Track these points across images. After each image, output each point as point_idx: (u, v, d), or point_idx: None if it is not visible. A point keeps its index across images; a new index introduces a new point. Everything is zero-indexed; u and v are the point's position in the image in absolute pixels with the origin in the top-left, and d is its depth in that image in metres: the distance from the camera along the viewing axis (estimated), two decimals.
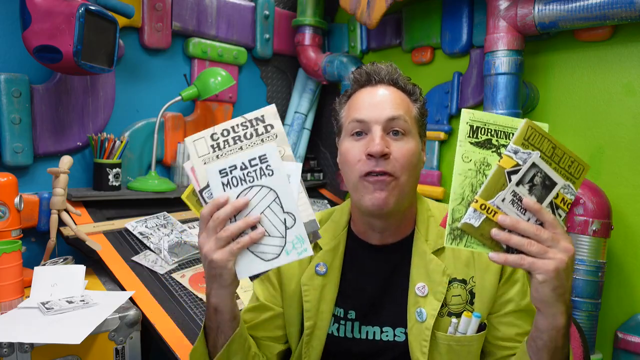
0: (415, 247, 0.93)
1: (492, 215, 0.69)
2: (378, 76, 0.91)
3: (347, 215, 0.99)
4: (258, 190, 0.75)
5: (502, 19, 1.48)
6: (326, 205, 2.26)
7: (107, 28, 1.49)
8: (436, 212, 0.97)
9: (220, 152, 0.78)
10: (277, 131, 0.78)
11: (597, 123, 1.47)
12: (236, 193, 0.75)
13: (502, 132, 0.72)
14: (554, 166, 0.71)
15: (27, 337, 1.02)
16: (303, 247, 0.75)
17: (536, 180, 0.71)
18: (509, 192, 0.70)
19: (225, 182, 0.76)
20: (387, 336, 0.91)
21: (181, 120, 1.98)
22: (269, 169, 0.75)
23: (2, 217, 1.24)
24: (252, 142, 0.78)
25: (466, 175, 0.72)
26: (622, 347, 1.38)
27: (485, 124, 0.72)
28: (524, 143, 0.70)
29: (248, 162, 0.75)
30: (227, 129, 0.78)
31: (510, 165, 0.70)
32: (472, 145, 0.72)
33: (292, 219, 0.75)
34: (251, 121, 0.78)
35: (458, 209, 0.71)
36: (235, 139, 0.78)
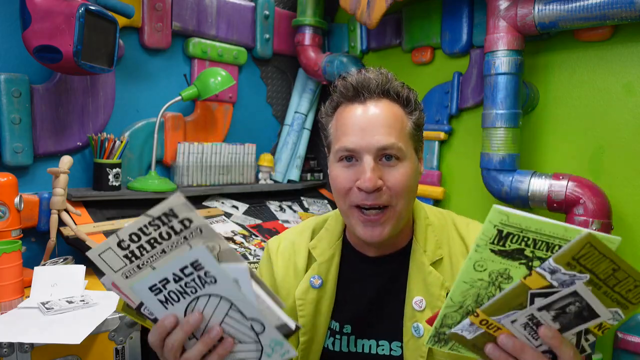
0: (413, 258, 0.89)
1: (493, 331, 0.57)
2: (367, 90, 0.82)
3: (341, 224, 0.96)
4: (207, 300, 0.62)
5: (502, 19, 1.48)
6: (326, 205, 2.26)
7: (107, 28, 1.49)
8: (434, 219, 0.93)
9: (139, 261, 0.63)
10: (198, 225, 0.61)
11: (597, 123, 1.47)
12: (182, 308, 0.63)
13: (545, 242, 0.53)
14: (604, 290, 0.52)
15: (27, 337, 1.02)
16: (283, 349, 0.64)
17: (569, 309, 0.54)
18: (524, 314, 0.55)
19: (162, 299, 0.63)
20: (382, 350, 0.89)
21: (181, 120, 1.98)
22: (209, 275, 0.60)
23: (2, 217, 1.24)
24: (174, 242, 0.62)
25: (473, 284, 0.57)
26: (622, 347, 1.38)
27: (522, 230, 0.52)
28: (571, 263, 0.51)
29: (180, 272, 0.60)
30: (135, 232, 0.61)
31: (538, 285, 0.53)
32: (493, 254, 0.54)
33: (260, 324, 0.63)
34: (160, 218, 0.60)
35: (451, 315, 0.59)
36: (151, 242, 0.62)
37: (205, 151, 1.99)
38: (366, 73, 0.84)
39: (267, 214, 2.06)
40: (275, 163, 2.27)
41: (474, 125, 1.77)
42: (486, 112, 1.53)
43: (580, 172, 1.47)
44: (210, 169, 2.02)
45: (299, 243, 0.97)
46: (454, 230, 0.92)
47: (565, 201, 1.38)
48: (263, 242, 1.80)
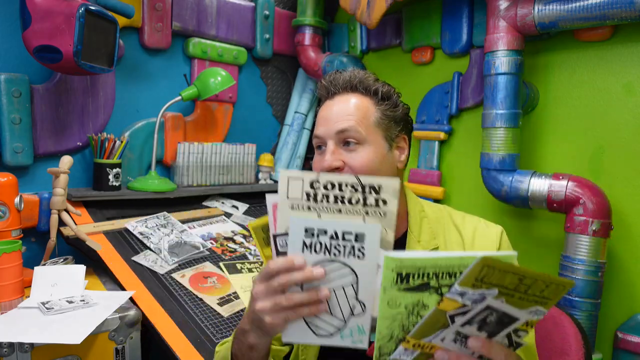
0: (408, 248, 0.92)
1: (428, 350, 0.60)
2: (335, 87, 0.92)
3: None
4: (339, 267, 0.65)
5: (502, 19, 1.48)
6: None
7: (107, 28, 1.49)
8: (430, 212, 0.97)
9: (314, 204, 0.67)
10: (388, 210, 0.66)
11: (597, 123, 1.47)
12: (313, 260, 0.65)
13: (446, 273, 0.56)
14: (519, 296, 0.55)
15: (27, 337, 1.02)
16: (360, 337, 0.67)
17: (489, 319, 0.57)
18: (450, 332, 0.58)
19: (307, 242, 0.65)
20: None
21: (181, 120, 1.98)
22: (362, 251, 0.64)
23: (2, 217, 1.24)
24: (355, 210, 0.66)
25: (394, 318, 0.59)
26: (622, 347, 1.38)
27: (419, 269, 0.56)
28: (475, 284, 0.53)
29: (341, 234, 0.64)
30: (333, 182, 0.66)
31: (453, 307, 0.56)
32: (400, 292, 0.57)
33: (362, 308, 0.66)
34: (364, 187, 0.66)
35: (386, 346, 0.61)
36: (337, 198, 0.66)
37: (205, 151, 1.99)
38: (339, 73, 0.94)
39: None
40: (275, 163, 2.27)
41: (474, 125, 1.77)
42: (486, 112, 1.53)
43: (580, 172, 1.47)
44: (210, 169, 2.02)
45: None
46: (450, 222, 0.96)
47: (565, 201, 1.38)
48: None
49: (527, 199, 1.45)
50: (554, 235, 1.55)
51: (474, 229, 0.94)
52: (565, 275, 1.37)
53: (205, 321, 1.32)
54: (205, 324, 1.31)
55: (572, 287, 0.59)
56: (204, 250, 1.62)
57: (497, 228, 0.95)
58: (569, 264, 1.36)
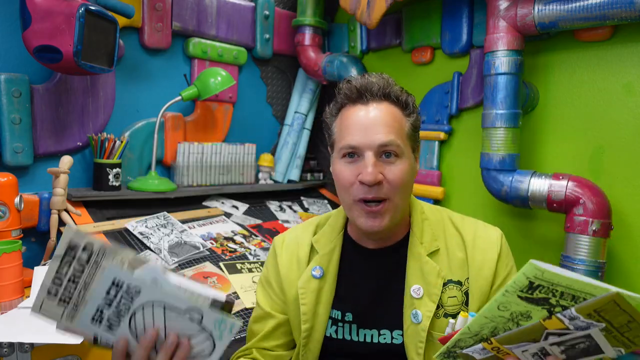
0: (411, 250, 0.93)
1: (502, 355, 0.61)
2: (370, 93, 0.88)
3: (343, 219, 1.00)
4: (142, 312, 0.67)
5: (502, 19, 1.48)
6: (326, 205, 2.26)
7: (107, 28, 1.49)
8: (430, 215, 0.98)
9: (72, 300, 0.68)
10: (98, 247, 0.66)
11: (597, 123, 1.47)
12: (125, 329, 0.68)
13: (571, 295, 0.55)
14: (615, 334, 0.55)
15: (27, 337, 1.02)
16: (228, 325, 0.67)
17: (578, 346, 0.57)
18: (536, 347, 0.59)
19: (106, 326, 0.68)
20: (384, 339, 0.92)
21: (181, 120, 1.98)
22: (132, 287, 0.66)
23: (2, 217, 1.24)
24: (90, 272, 0.67)
25: (493, 319, 0.60)
26: None
27: (552, 284, 0.55)
28: (591, 314, 0.54)
29: (107, 296, 0.66)
30: (55, 276, 0.67)
31: (555, 327, 0.56)
32: (519, 299, 0.57)
33: (196, 312, 0.67)
34: (66, 255, 0.66)
35: (465, 340, 0.63)
36: (71, 280, 0.67)
37: (205, 151, 1.99)
38: (369, 77, 0.90)
39: (267, 214, 2.06)
40: (275, 163, 2.27)
41: (474, 125, 1.77)
42: (486, 112, 1.53)
43: (580, 172, 1.47)
44: (210, 169, 2.02)
45: (303, 238, 1.02)
46: (450, 224, 0.97)
47: (565, 201, 1.38)
48: (263, 242, 1.80)
49: (527, 199, 1.45)
50: (554, 235, 1.55)
51: (474, 231, 0.94)
52: None
53: None
54: None
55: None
56: (204, 250, 1.62)
57: (497, 231, 0.95)
58: (569, 264, 1.36)
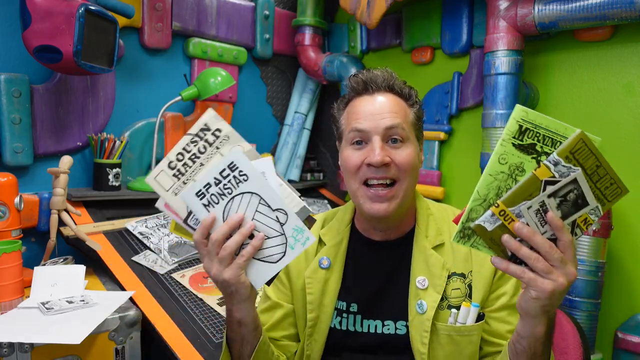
0: (416, 242, 0.95)
1: (508, 222, 0.67)
2: (375, 84, 0.93)
3: (350, 213, 1.03)
4: (240, 198, 0.75)
5: (502, 19, 1.48)
6: (326, 205, 2.26)
7: (107, 28, 1.49)
8: (435, 211, 1.00)
9: (184, 177, 0.76)
10: (226, 133, 0.76)
11: (597, 123, 1.47)
12: (220, 209, 0.75)
13: (550, 138, 0.67)
14: (591, 185, 0.66)
15: (27, 337, 1.02)
16: (304, 236, 0.75)
17: (570, 196, 0.67)
18: (537, 201, 0.66)
19: (205, 202, 0.75)
20: (388, 329, 0.93)
21: (181, 120, 1.98)
22: (242, 174, 0.74)
23: (2, 217, 1.24)
24: (209, 154, 0.76)
25: (497, 177, 0.68)
26: (622, 347, 1.38)
27: (535, 126, 0.67)
28: (568, 156, 0.65)
29: (220, 175, 0.74)
30: (180, 152, 0.76)
31: (545, 175, 0.65)
32: (514, 147, 0.67)
33: (284, 213, 0.75)
34: (197, 134, 0.76)
35: (476, 209, 0.69)
36: (191, 158, 0.76)
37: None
38: (374, 71, 0.95)
39: None
40: (275, 163, 2.27)
41: (474, 125, 1.77)
42: (486, 112, 1.53)
43: None
44: None
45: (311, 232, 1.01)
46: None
47: None
48: None
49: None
50: None
51: None
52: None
53: (205, 321, 1.32)
54: (205, 324, 1.31)
55: (626, 194, 0.70)
56: None
57: None
58: None
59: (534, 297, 0.66)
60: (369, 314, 0.95)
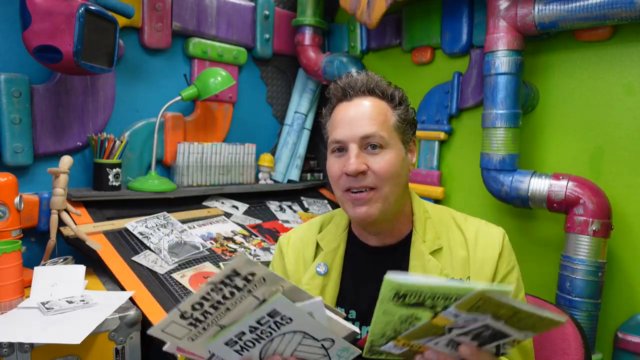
0: (413, 247, 0.94)
1: (417, 348, 0.64)
2: (353, 90, 0.92)
3: (347, 217, 1.02)
4: (281, 338, 0.67)
5: (502, 19, 1.48)
6: (326, 205, 2.26)
7: (107, 28, 1.49)
8: (433, 214, 0.99)
9: (204, 324, 0.64)
10: (261, 275, 0.61)
11: (597, 123, 1.47)
12: (257, 350, 0.68)
13: (442, 296, 0.57)
14: (512, 323, 0.58)
15: (27, 337, 1.02)
16: (349, 352, 0.71)
17: (484, 334, 0.60)
18: (444, 340, 0.62)
19: (237, 349, 0.67)
20: None
21: (181, 120, 1.98)
22: (285, 319, 0.64)
23: (2, 217, 1.24)
24: (239, 298, 0.63)
25: (388, 323, 0.62)
26: (622, 347, 1.38)
27: (416, 292, 0.57)
28: (470, 310, 0.56)
29: (257, 323, 0.64)
30: (197, 302, 0.62)
31: (446, 324, 0.59)
32: (397, 306, 0.60)
33: (330, 341, 0.69)
34: (222, 282, 0.61)
35: (378, 341, 0.66)
36: (214, 305, 0.63)
37: (205, 151, 1.99)
38: (354, 75, 0.94)
39: (267, 214, 2.06)
40: (275, 163, 2.27)
41: (474, 125, 1.77)
42: (486, 112, 1.53)
43: (580, 172, 1.47)
44: (210, 169, 2.02)
45: (308, 236, 1.04)
46: (452, 223, 0.97)
47: (565, 201, 1.38)
48: (263, 242, 1.80)
49: (527, 199, 1.45)
50: (554, 235, 1.55)
51: (477, 230, 0.94)
52: (565, 275, 1.37)
53: None
54: None
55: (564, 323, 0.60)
56: (203, 250, 1.62)
57: (499, 230, 0.95)
58: (569, 264, 1.36)
59: None
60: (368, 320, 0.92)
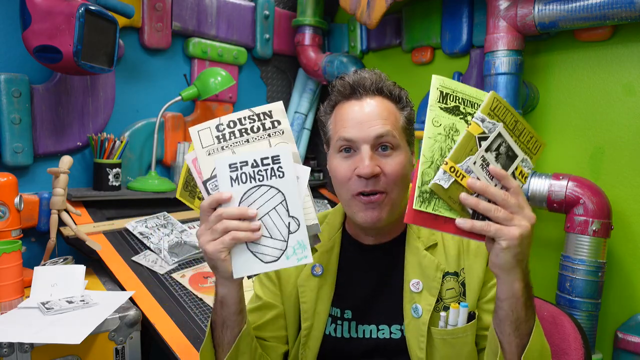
0: (408, 244, 0.93)
1: (460, 179, 0.70)
2: (363, 88, 0.88)
3: (341, 216, 1.01)
4: (266, 190, 0.74)
5: (502, 19, 1.48)
6: (326, 205, 2.26)
7: (107, 28, 1.49)
8: None
9: (225, 143, 0.76)
10: (283, 128, 0.77)
11: (597, 123, 1.47)
12: (243, 190, 0.74)
13: (469, 101, 0.74)
14: (515, 139, 0.74)
15: (27, 337, 1.02)
16: (304, 253, 0.74)
17: (501, 149, 0.73)
18: (478, 156, 0.71)
19: (234, 176, 0.74)
20: (383, 334, 0.92)
21: (181, 120, 1.98)
22: (280, 170, 0.74)
23: (2, 217, 1.24)
24: (259, 136, 0.77)
25: (436, 139, 0.72)
26: (622, 347, 1.38)
27: (453, 91, 0.74)
28: (490, 113, 0.72)
29: (260, 161, 0.74)
30: (234, 120, 0.77)
31: (478, 131, 0.72)
32: (442, 110, 0.73)
33: (297, 223, 0.74)
34: (259, 115, 0.78)
35: (427, 172, 0.70)
36: (241, 131, 0.77)
37: None
38: (362, 73, 0.91)
39: None
40: None
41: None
42: None
43: (580, 172, 1.47)
44: None
45: None
46: None
47: (565, 201, 1.38)
48: None
49: (527, 199, 1.45)
50: (554, 235, 1.55)
51: None
52: (565, 275, 1.37)
53: (205, 321, 1.32)
54: (205, 324, 1.31)
55: (545, 147, 0.77)
56: None
57: None
58: (569, 264, 1.36)
59: (505, 247, 0.67)
60: (364, 319, 0.94)
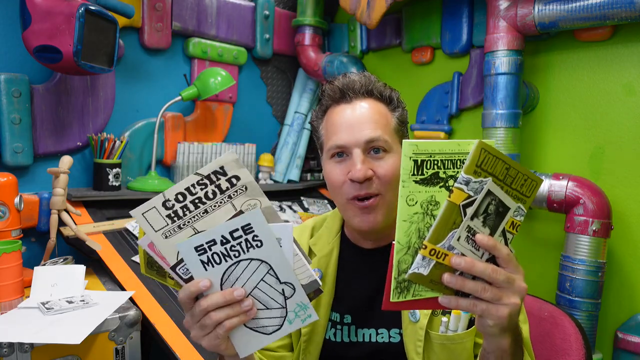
0: None
1: (442, 259, 0.63)
2: (352, 91, 0.88)
3: (339, 220, 1.00)
4: (247, 264, 0.65)
5: (502, 19, 1.48)
6: (326, 205, 2.26)
7: (107, 28, 1.49)
8: None
9: (181, 221, 0.65)
10: (245, 182, 0.64)
11: (597, 123, 1.47)
12: (221, 271, 0.65)
13: (450, 160, 0.63)
14: (507, 189, 0.64)
15: (27, 337, 1.02)
16: (307, 313, 0.68)
17: (490, 208, 0.64)
18: (463, 229, 0.63)
19: (205, 260, 0.64)
20: (382, 338, 0.92)
21: (181, 120, 1.98)
22: (257, 239, 0.64)
23: (2, 217, 1.24)
24: (218, 202, 0.65)
25: (412, 220, 0.63)
26: (622, 347, 1.38)
27: (430, 155, 0.62)
28: (477, 170, 0.62)
29: (229, 235, 0.63)
30: (181, 192, 0.64)
31: (462, 198, 0.62)
32: (417, 185, 0.63)
33: (291, 288, 0.67)
34: (209, 177, 0.64)
35: (404, 260, 0.64)
36: (195, 202, 0.64)
37: (205, 151, 1.99)
38: (351, 76, 0.91)
39: None
40: (275, 163, 2.27)
41: (474, 125, 1.77)
42: (486, 112, 1.53)
43: (580, 172, 1.47)
44: None
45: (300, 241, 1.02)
46: None
47: (565, 201, 1.38)
48: None
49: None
50: (554, 235, 1.55)
51: None
52: (565, 275, 1.37)
53: None
54: None
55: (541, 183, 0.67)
56: None
57: None
58: (569, 264, 1.36)
59: (491, 325, 0.64)
60: (363, 323, 0.93)
